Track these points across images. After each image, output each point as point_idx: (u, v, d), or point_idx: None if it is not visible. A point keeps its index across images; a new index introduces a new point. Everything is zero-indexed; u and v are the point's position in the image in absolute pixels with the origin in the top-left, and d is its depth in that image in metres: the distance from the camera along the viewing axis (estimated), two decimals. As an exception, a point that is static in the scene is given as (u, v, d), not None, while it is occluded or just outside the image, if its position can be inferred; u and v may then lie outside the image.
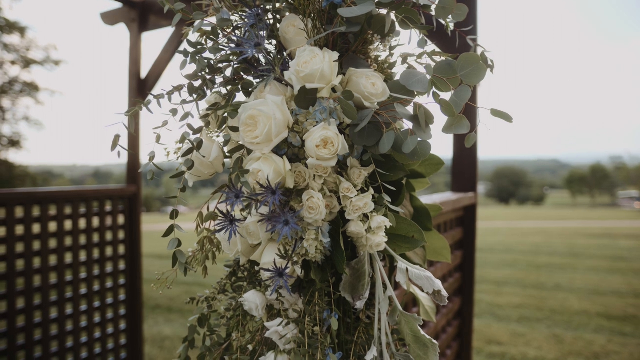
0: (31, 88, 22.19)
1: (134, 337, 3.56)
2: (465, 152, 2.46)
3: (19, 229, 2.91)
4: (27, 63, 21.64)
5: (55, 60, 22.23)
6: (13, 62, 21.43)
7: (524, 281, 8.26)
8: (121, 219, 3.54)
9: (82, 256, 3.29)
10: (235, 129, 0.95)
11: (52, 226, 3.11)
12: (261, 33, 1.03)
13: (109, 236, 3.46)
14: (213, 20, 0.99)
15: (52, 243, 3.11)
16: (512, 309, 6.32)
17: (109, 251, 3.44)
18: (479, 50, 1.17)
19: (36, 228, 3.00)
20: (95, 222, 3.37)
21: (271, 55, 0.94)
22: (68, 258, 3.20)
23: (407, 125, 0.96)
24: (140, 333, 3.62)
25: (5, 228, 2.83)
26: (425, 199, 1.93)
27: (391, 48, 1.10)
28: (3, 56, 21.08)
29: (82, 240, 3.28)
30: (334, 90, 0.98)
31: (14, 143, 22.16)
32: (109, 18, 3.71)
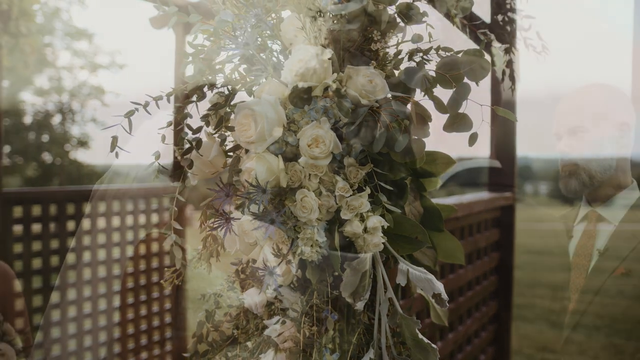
0: (98, 91, 23.47)
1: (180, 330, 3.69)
2: (502, 151, 2.36)
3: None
4: (94, 67, 22.90)
5: (120, 64, 23.39)
6: (82, 67, 22.74)
7: (583, 286, 7.84)
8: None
9: (129, 251, 3.44)
10: (232, 129, 0.97)
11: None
12: (267, 32, 1.04)
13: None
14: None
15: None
16: (568, 315, 6.02)
17: (154, 247, 3.58)
18: (496, 46, 1.13)
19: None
20: (142, 219, 3.51)
21: (263, 54, 0.94)
22: (115, 253, 3.36)
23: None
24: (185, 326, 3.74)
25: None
26: (454, 199, 1.88)
27: (397, 44, 1.07)
28: (73, 62, 22.42)
29: (129, 236, 3.43)
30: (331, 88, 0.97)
31: (82, 143, 23.52)
32: (157, 22, 3.86)
